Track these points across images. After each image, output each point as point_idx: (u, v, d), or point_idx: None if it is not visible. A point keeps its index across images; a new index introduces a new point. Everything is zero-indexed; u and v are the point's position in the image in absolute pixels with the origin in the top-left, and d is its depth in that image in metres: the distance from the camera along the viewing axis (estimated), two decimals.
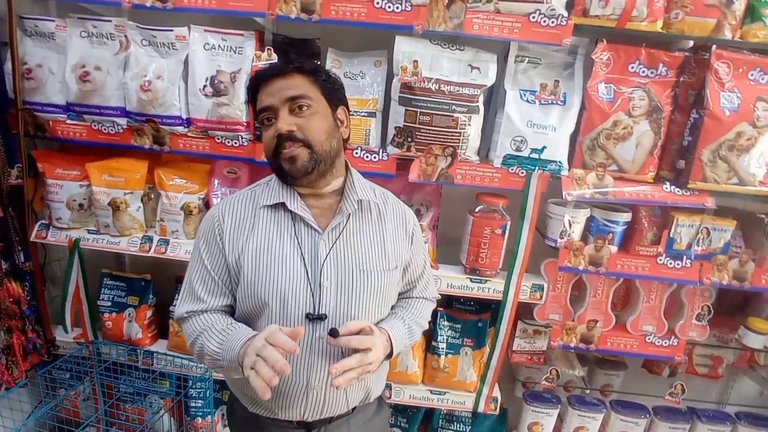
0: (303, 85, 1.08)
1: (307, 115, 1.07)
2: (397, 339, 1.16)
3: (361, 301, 1.12)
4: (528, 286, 1.69)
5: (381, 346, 1.08)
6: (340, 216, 1.12)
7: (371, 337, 1.05)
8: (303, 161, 1.06)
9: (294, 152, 1.05)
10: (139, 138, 1.68)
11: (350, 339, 1.02)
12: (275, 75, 1.08)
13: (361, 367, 1.02)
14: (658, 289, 1.73)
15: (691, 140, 1.54)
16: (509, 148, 1.57)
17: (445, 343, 1.83)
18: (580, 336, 1.74)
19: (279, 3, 1.50)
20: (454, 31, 1.48)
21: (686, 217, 1.60)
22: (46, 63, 1.68)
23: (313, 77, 1.09)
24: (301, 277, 1.09)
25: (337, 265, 1.10)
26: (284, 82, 1.07)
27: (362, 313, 1.12)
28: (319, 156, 1.07)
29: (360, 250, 1.13)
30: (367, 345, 1.03)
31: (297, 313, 1.08)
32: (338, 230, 1.13)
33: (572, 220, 1.61)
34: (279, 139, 1.06)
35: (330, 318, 1.09)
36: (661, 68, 1.53)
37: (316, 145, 1.06)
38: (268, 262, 1.09)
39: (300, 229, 1.12)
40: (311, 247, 1.10)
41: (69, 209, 1.78)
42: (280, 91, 1.06)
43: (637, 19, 1.45)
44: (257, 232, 1.11)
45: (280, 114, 1.06)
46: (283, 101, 1.06)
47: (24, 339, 1.82)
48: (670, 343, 1.74)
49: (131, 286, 1.95)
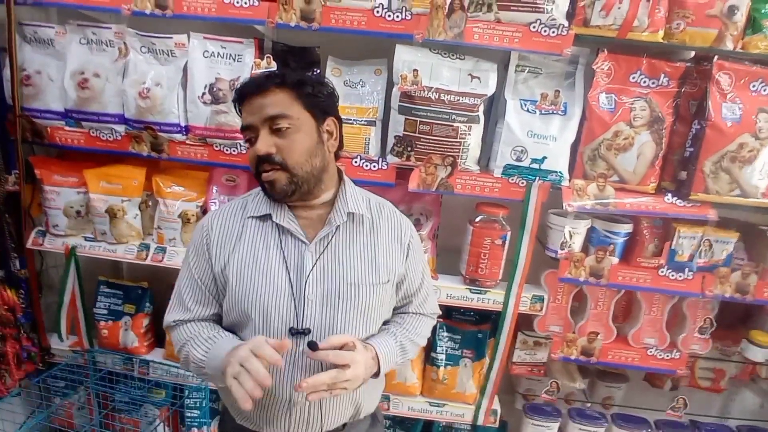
0: (283, 102, 1.04)
1: (287, 136, 1.03)
2: (385, 357, 1.11)
3: (348, 316, 1.09)
4: (528, 297, 1.67)
5: (363, 363, 1.04)
6: (328, 227, 1.10)
7: (352, 353, 1.02)
8: (281, 185, 1.04)
9: (272, 177, 1.04)
10: (137, 145, 1.67)
11: (328, 353, 0.99)
12: (254, 93, 1.04)
13: (335, 384, 0.99)
14: (659, 301, 1.71)
15: (693, 151, 1.53)
16: (509, 158, 1.56)
17: (445, 355, 1.80)
18: (580, 348, 1.71)
19: (279, 11, 1.50)
20: (455, 41, 1.47)
21: (688, 228, 1.58)
22: (45, 69, 1.67)
23: (296, 91, 1.05)
24: (285, 290, 1.06)
25: (323, 277, 1.08)
26: (263, 100, 1.03)
27: (348, 327, 1.09)
28: (299, 178, 1.05)
29: (348, 262, 1.10)
30: (345, 361, 1.00)
31: (280, 326, 1.06)
32: (325, 241, 1.10)
33: (573, 231, 1.60)
34: (259, 160, 1.04)
35: (315, 332, 1.06)
36: (662, 78, 1.53)
37: (295, 167, 1.04)
38: (252, 274, 1.07)
39: (286, 240, 1.09)
40: (297, 258, 1.08)
41: (66, 216, 1.76)
42: (260, 109, 1.03)
43: (638, 30, 1.44)
44: (243, 243, 1.10)
45: (260, 134, 1.04)
46: (262, 120, 1.03)
47: (18, 347, 1.80)
48: (672, 356, 1.71)
49: (128, 294, 1.93)
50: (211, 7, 1.52)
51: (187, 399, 1.90)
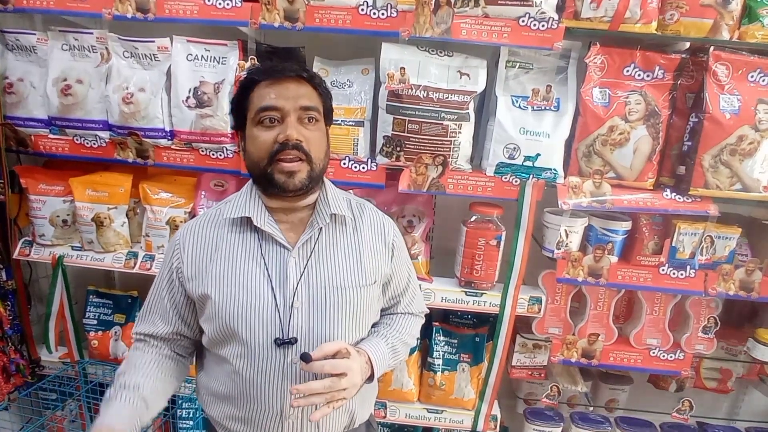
0: (314, 97, 1.02)
1: (314, 130, 1.02)
2: (378, 360, 1.08)
3: (337, 321, 1.04)
4: (525, 298, 1.63)
5: (358, 369, 1.00)
6: (311, 230, 1.06)
7: (347, 360, 0.98)
8: (301, 178, 1.00)
9: (296, 167, 0.98)
10: (123, 152, 1.64)
11: (323, 364, 0.94)
12: (291, 77, 0.99)
13: (332, 393, 0.95)
14: (661, 300, 1.66)
15: (691, 145, 1.49)
16: (502, 156, 1.52)
17: (442, 359, 1.76)
18: (581, 351, 1.66)
19: (262, 11, 1.47)
20: (442, 37, 1.44)
21: (688, 225, 1.54)
22: (28, 77, 1.65)
23: (319, 91, 1.04)
24: (268, 300, 1.02)
25: (308, 283, 1.04)
26: (300, 88, 1.00)
27: (338, 333, 1.05)
28: (315, 175, 1.02)
29: (334, 265, 1.06)
30: (341, 370, 0.96)
31: (265, 338, 1.01)
32: (309, 246, 1.06)
33: (569, 229, 1.55)
34: (282, 146, 0.98)
35: (303, 340, 1.02)
36: (657, 71, 1.48)
37: (316, 162, 1.01)
38: (232, 287, 1.02)
39: (267, 247, 1.05)
40: (279, 265, 1.04)
41: (52, 225, 1.73)
42: (297, 97, 0.99)
43: (630, 21, 1.40)
44: (221, 254, 1.05)
45: (289, 120, 0.98)
46: (296, 108, 0.99)
47: (6, 360, 1.76)
48: (676, 357, 1.66)
49: (118, 303, 1.90)
50: (193, 9, 1.49)
51: (179, 409, 1.86)
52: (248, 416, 1.04)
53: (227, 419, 1.08)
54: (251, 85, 1.02)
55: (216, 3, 1.48)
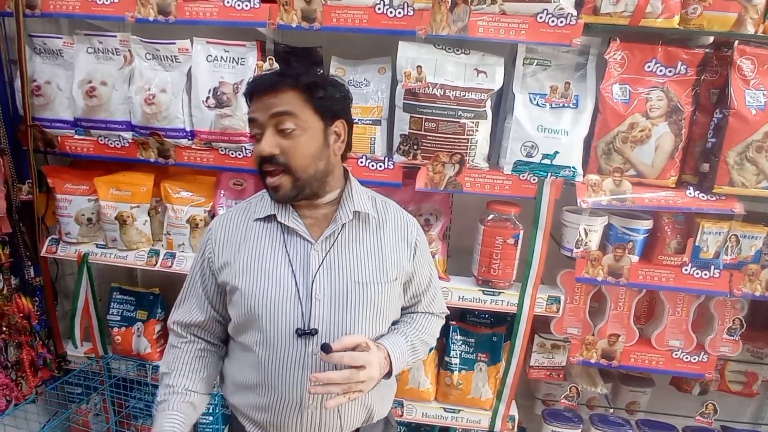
0: (293, 102, 1.00)
1: (293, 137, 1.00)
2: (397, 357, 1.09)
3: (357, 315, 1.06)
4: (544, 298, 1.61)
5: (377, 364, 1.02)
6: (334, 225, 1.08)
7: (366, 354, 1.00)
8: (285, 190, 1.03)
9: (277, 182, 1.02)
10: (145, 151, 1.68)
11: (343, 355, 0.96)
12: (266, 90, 1.01)
13: (349, 385, 0.97)
14: (684, 301, 1.62)
15: (716, 142, 1.45)
16: (519, 154, 1.51)
17: (459, 359, 1.75)
18: (601, 351, 1.64)
19: (280, 12, 1.49)
20: (459, 35, 1.43)
21: (713, 223, 1.50)
22: (55, 80, 1.70)
23: (308, 93, 1.02)
24: (291, 290, 1.04)
25: (330, 276, 1.06)
26: (274, 98, 1.00)
27: (358, 327, 1.06)
28: (302, 182, 1.03)
29: (356, 260, 1.08)
30: (360, 362, 0.97)
31: (287, 327, 1.04)
32: (331, 240, 1.08)
33: (588, 228, 1.53)
34: (261, 161, 1.02)
35: (323, 332, 1.04)
36: (679, 66, 1.45)
37: (298, 171, 1.02)
38: (257, 276, 1.05)
39: (291, 240, 1.08)
40: (302, 258, 1.06)
41: (78, 224, 1.78)
42: (268, 107, 1.00)
43: (651, 16, 1.38)
44: (248, 246, 1.08)
45: (265, 133, 1.01)
46: (268, 117, 1.00)
47: (34, 354, 1.82)
48: (700, 359, 1.62)
49: (140, 300, 1.94)
50: (213, 11, 1.52)
51: None
52: (269, 405, 1.07)
53: (249, 408, 1.11)
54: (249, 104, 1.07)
55: (235, 4, 1.50)
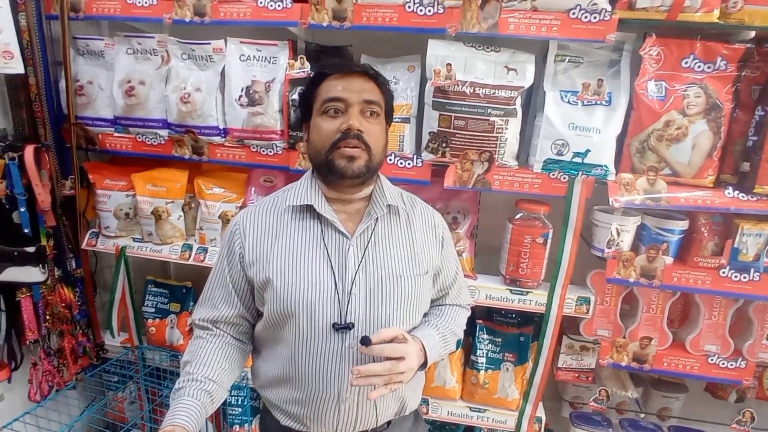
0: (377, 93, 1.08)
1: (375, 123, 1.07)
2: (431, 348, 1.10)
3: (392, 308, 1.08)
4: (573, 298, 1.59)
5: (415, 355, 1.04)
6: (369, 219, 1.10)
7: (405, 345, 1.02)
8: (360, 164, 1.04)
9: (356, 153, 1.04)
10: (180, 149, 1.73)
11: (383, 347, 0.98)
12: (357, 72, 1.07)
13: (390, 376, 0.99)
14: (721, 304, 1.57)
15: (757, 140, 1.40)
16: (550, 152, 1.49)
17: (485, 358, 1.75)
18: (632, 354, 1.60)
19: (311, 12, 1.51)
20: (489, 32, 1.43)
21: (753, 225, 1.45)
22: (96, 80, 1.77)
23: (383, 90, 1.10)
24: (329, 285, 1.06)
25: (366, 271, 1.07)
26: (365, 83, 1.06)
27: (393, 320, 1.08)
28: (373, 165, 1.07)
29: (390, 254, 1.10)
30: (400, 353, 0.99)
31: (323, 321, 1.05)
32: (367, 235, 1.10)
33: (620, 228, 1.50)
34: (344, 134, 1.03)
35: (360, 326, 1.06)
36: (719, 62, 1.41)
37: (375, 153, 1.06)
38: (295, 272, 1.06)
39: (328, 234, 1.09)
40: (339, 253, 1.08)
41: (116, 218, 1.85)
42: (361, 90, 1.05)
43: (690, 10, 1.34)
44: (282, 240, 1.09)
45: (351, 111, 1.04)
46: (359, 100, 1.05)
47: (75, 343, 1.90)
48: (737, 365, 1.57)
49: (173, 293, 2.01)
50: (246, 11, 1.56)
51: (229, 397, 1.94)
52: (306, 398, 1.08)
53: (285, 402, 1.13)
54: (320, 78, 1.09)
55: (267, 5, 1.53)
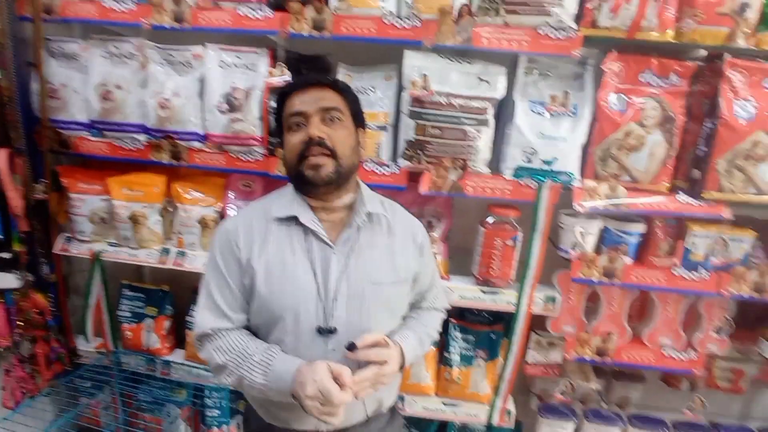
0: (336, 99, 1.14)
1: (338, 128, 1.12)
2: (408, 351, 1.18)
3: (373, 314, 1.14)
4: (541, 297, 1.68)
5: (396, 358, 1.11)
6: (350, 229, 1.15)
7: (387, 350, 1.09)
8: (327, 171, 1.09)
9: (321, 161, 1.08)
10: (158, 153, 1.73)
11: (368, 353, 1.06)
12: (312, 84, 1.13)
13: (376, 380, 1.06)
14: (674, 301, 1.70)
15: (706, 150, 1.52)
16: (520, 159, 1.57)
17: (458, 355, 1.82)
18: (595, 348, 1.71)
19: (291, 21, 1.54)
20: (463, 45, 1.49)
21: (702, 227, 1.57)
22: (70, 83, 1.74)
23: (345, 96, 1.16)
24: (312, 291, 1.11)
25: (348, 278, 1.12)
26: (320, 93, 1.12)
27: (374, 325, 1.14)
28: (342, 169, 1.11)
29: (371, 262, 1.15)
30: (384, 358, 1.07)
31: (308, 326, 1.11)
32: (349, 243, 1.15)
33: (584, 231, 1.60)
34: (308, 144, 1.09)
35: (341, 331, 1.11)
36: (673, 78, 1.52)
37: (342, 157, 1.10)
38: (280, 277, 1.12)
39: (312, 242, 1.14)
40: (323, 260, 1.13)
41: (91, 222, 1.83)
42: (317, 101, 1.11)
43: (647, 30, 1.44)
44: (269, 246, 1.14)
45: (311, 121, 1.10)
46: (317, 110, 1.10)
47: (48, 349, 1.88)
48: (689, 357, 1.70)
49: (150, 296, 2.00)
50: (227, 18, 1.57)
51: (207, 399, 1.96)
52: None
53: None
54: (283, 99, 1.15)
55: (248, 13, 1.55)
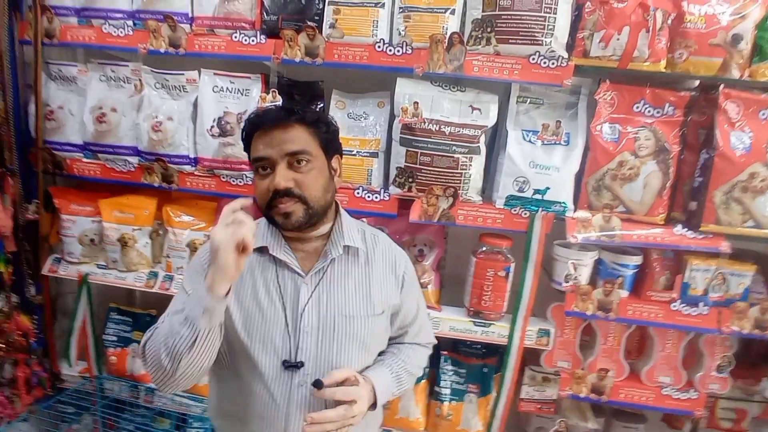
0: (303, 139, 1.04)
1: (306, 171, 1.04)
2: (382, 389, 1.10)
3: (343, 348, 1.08)
4: (534, 330, 1.63)
5: (366, 397, 1.04)
6: (324, 260, 1.11)
7: (356, 388, 1.02)
8: (298, 217, 1.04)
9: (289, 208, 1.03)
10: (149, 176, 1.73)
11: (335, 391, 0.99)
12: (276, 125, 1.03)
13: (342, 422, 0.99)
14: (673, 337, 1.63)
15: (702, 181, 1.49)
16: (512, 188, 1.55)
17: (449, 389, 1.76)
18: (590, 386, 1.64)
19: (284, 47, 1.56)
20: (455, 73, 1.50)
21: (701, 261, 1.53)
22: (67, 105, 1.77)
23: (314, 129, 1.06)
24: (280, 322, 1.07)
25: (318, 309, 1.08)
26: (285, 134, 1.02)
27: (344, 359, 1.08)
28: (314, 211, 1.05)
29: (343, 294, 1.11)
30: (352, 397, 1.00)
31: (274, 358, 1.06)
32: (320, 274, 1.11)
33: (578, 263, 1.56)
34: (275, 194, 1.03)
35: (310, 365, 1.06)
36: (667, 108, 1.51)
37: (312, 201, 1.04)
38: (248, 305, 1.08)
39: (283, 273, 1.10)
40: (292, 291, 1.09)
41: (81, 244, 1.83)
42: (281, 144, 1.02)
43: (639, 60, 1.44)
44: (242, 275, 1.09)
45: (277, 168, 1.02)
46: (282, 155, 1.02)
47: (29, 372, 1.84)
48: (689, 396, 1.62)
49: (137, 321, 1.96)
50: (221, 45, 1.60)
51: (190, 429, 1.89)
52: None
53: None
54: (248, 137, 1.08)
55: (242, 39, 1.58)
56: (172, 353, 0.93)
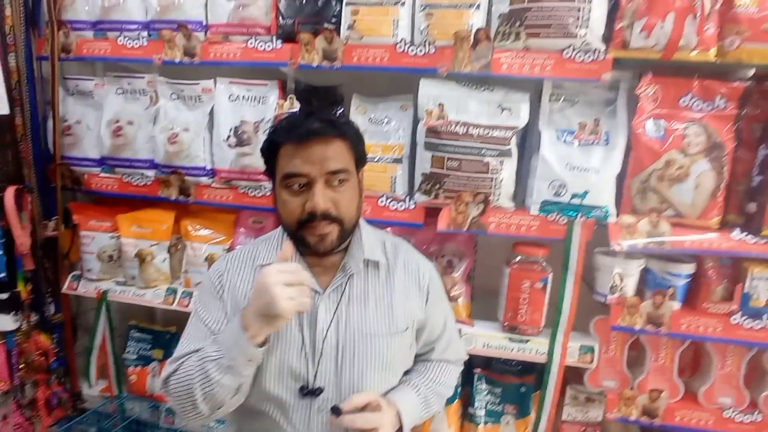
0: (343, 156, 0.97)
1: (343, 191, 0.97)
2: (408, 414, 1.01)
3: (365, 369, 0.99)
4: (576, 347, 1.49)
5: (390, 424, 0.95)
6: (342, 275, 1.02)
7: (379, 414, 0.93)
8: (332, 239, 0.97)
9: (326, 230, 0.95)
10: (166, 189, 1.69)
11: (355, 418, 0.90)
12: (316, 140, 0.93)
13: None
14: (734, 353, 1.47)
15: (762, 179, 1.35)
16: (547, 193, 1.43)
17: (484, 410, 1.63)
18: (641, 408, 1.49)
19: (301, 52, 1.49)
20: (481, 72, 1.40)
21: (763, 268, 1.37)
22: (85, 119, 1.75)
23: (352, 144, 1.00)
24: (297, 343, 0.98)
25: (338, 329, 1.00)
26: (326, 150, 0.94)
27: (367, 382, 0.99)
28: (347, 232, 0.99)
29: (364, 312, 1.02)
30: (374, 425, 0.91)
31: (291, 382, 0.98)
32: (340, 291, 1.02)
33: (623, 273, 1.43)
34: (311, 216, 0.94)
35: (330, 389, 0.97)
36: (718, 101, 1.37)
37: (347, 222, 0.98)
38: None
39: None
40: (311, 310, 1.00)
41: (99, 261, 1.79)
42: (322, 161, 0.93)
43: (685, 49, 1.31)
44: None
45: (316, 188, 0.93)
46: (323, 173, 0.94)
47: (49, 393, 1.80)
48: (754, 419, 1.46)
49: (157, 339, 1.92)
50: (236, 52, 1.54)
51: None
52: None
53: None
54: (276, 147, 0.99)
55: (257, 45, 1.52)
56: (213, 402, 0.93)
